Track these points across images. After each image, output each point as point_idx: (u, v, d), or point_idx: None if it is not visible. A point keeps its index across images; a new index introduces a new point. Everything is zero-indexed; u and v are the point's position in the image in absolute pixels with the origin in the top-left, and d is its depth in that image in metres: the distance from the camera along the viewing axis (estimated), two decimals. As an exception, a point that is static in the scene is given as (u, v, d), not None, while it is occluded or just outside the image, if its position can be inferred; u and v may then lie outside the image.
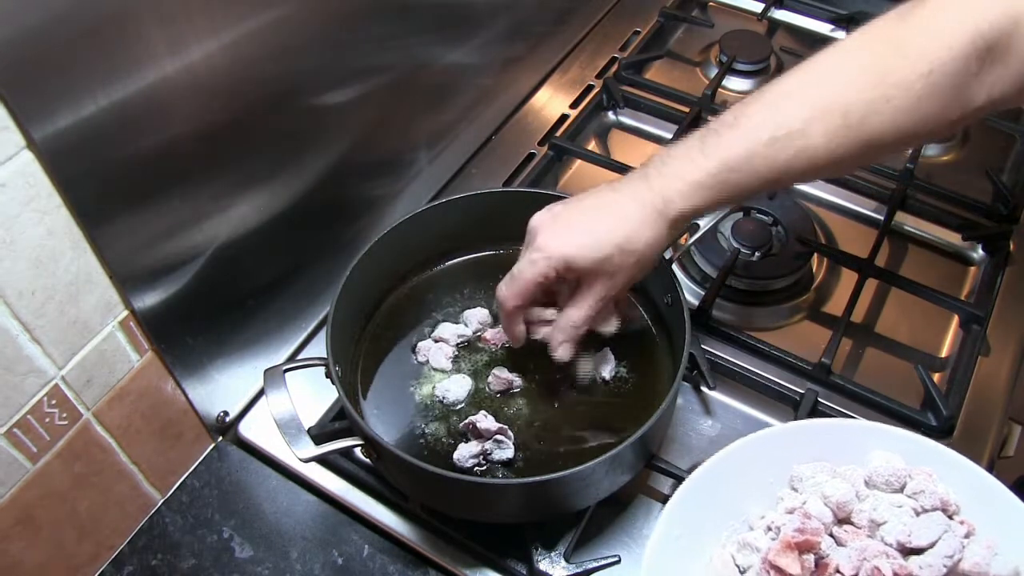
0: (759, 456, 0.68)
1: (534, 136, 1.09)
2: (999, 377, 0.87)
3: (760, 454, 0.68)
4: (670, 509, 0.65)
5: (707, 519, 0.67)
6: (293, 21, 0.71)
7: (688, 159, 0.66)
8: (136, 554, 0.76)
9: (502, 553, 0.74)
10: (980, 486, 0.64)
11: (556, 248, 0.67)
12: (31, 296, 0.58)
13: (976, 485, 0.65)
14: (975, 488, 0.65)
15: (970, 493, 0.65)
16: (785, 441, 0.69)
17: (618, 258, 0.67)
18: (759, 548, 0.65)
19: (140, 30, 0.58)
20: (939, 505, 0.64)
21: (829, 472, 0.67)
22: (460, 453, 0.73)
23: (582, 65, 1.19)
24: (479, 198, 0.84)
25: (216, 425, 0.82)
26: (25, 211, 0.55)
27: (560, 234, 0.67)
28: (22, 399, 0.61)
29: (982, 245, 0.98)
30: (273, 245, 0.80)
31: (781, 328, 0.92)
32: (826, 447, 0.69)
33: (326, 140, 0.82)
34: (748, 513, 0.68)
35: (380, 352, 0.81)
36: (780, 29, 1.27)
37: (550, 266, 0.67)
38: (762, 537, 0.66)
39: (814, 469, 0.68)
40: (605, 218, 0.67)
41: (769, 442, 0.68)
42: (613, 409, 0.77)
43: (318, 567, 0.75)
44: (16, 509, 0.65)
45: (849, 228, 1.01)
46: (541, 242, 0.67)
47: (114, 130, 0.59)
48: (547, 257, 0.67)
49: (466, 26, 0.99)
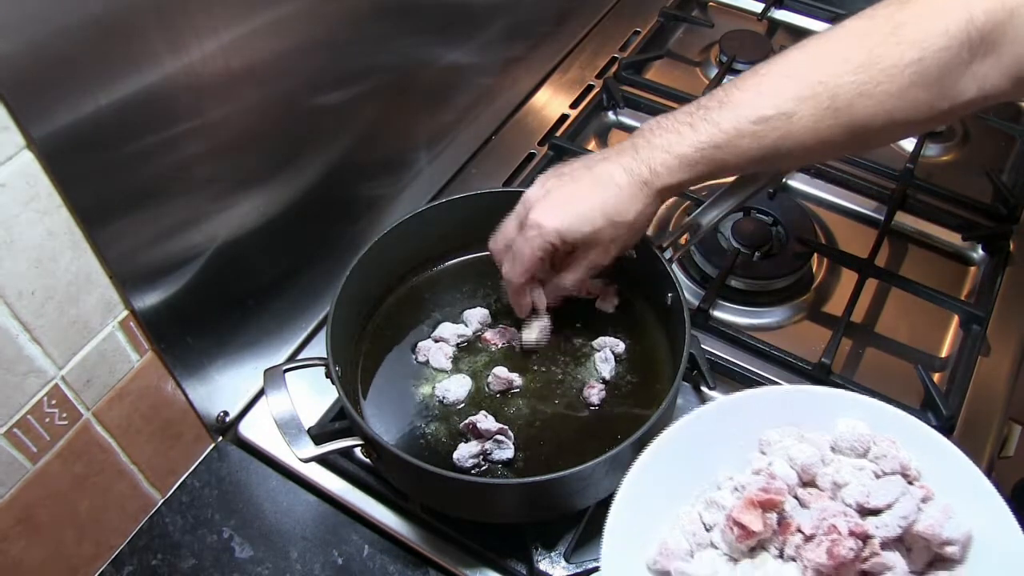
0: (729, 420, 0.68)
1: (534, 136, 1.09)
2: (999, 377, 0.87)
3: (731, 418, 0.68)
4: (637, 467, 0.65)
5: (676, 480, 0.67)
6: (293, 21, 0.71)
7: (676, 132, 0.67)
8: (136, 554, 0.77)
9: (502, 553, 0.74)
10: (941, 453, 0.65)
11: (549, 223, 0.69)
12: (31, 296, 0.58)
13: (937, 452, 0.65)
14: (936, 455, 0.65)
15: (932, 460, 0.66)
16: (756, 406, 0.69)
17: (609, 229, 0.69)
18: (724, 506, 0.66)
19: (140, 30, 0.58)
20: (899, 469, 0.65)
21: (796, 437, 0.68)
22: (460, 453, 0.73)
23: (582, 65, 1.19)
24: (479, 198, 0.84)
25: (216, 425, 0.82)
26: (25, 211, 0.55)
27: (552, 209, 0.70)
28: (22, 399, 0.61)
29: (982, 245, 0.98)
30: (273, 245, 0.80)
31: (781, 328, 0.92)
32: (796, 413, 0.69)
33: (326, 140, 0.82)
34: (717, 475, 0.68)
35: (380, 352, 0.81)
36: (780, 29, 1.27)
37: (546, 241, 0.70)
38: (728, 496, 0.66)
39: (782, 434, 0.68)
40: (595, 191, 0.69)
41: (740, 406, 0.69)
42: (613, 409, 0.77)
43: (318, 567, 0.76)
44: (16, 509, 0.65)
45: (849, 228, 1.01)
46: (534, 218, 0.70)
47: (114, 130, 0.59)
48: (541, 233, 0.69)
49: (466, 26, 0.99)
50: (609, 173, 0.69)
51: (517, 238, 0.72)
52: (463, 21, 0.98)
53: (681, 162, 0.67)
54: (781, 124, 0.64)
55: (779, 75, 0.66)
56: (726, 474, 0.68)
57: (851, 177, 1.03)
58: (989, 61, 0.62)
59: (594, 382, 0.78)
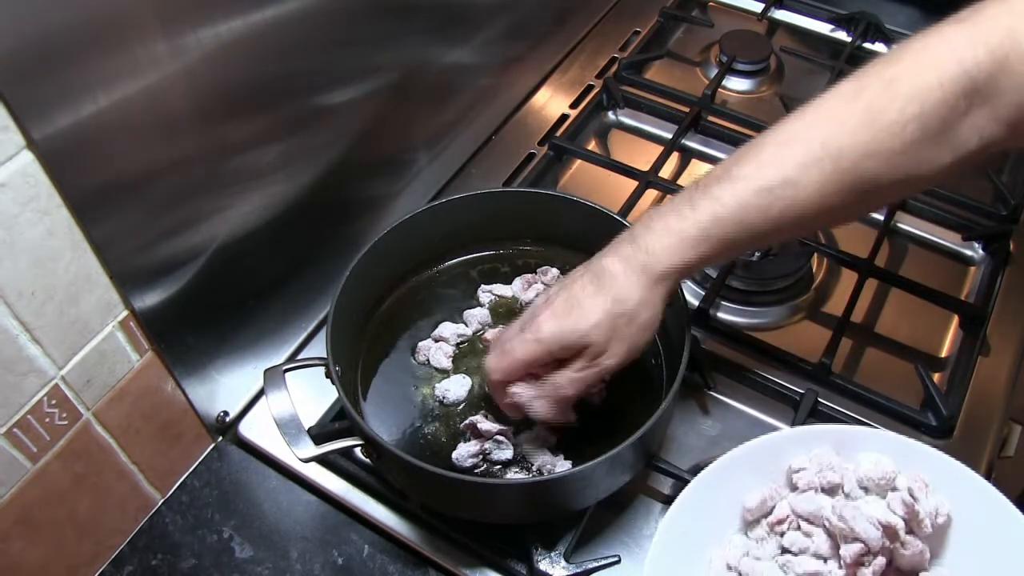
0: (759, 459, 0.69)
1: (534, 136, 1.09)
2: (999, 377, 0.87)
3: (760, 458, 0.69)
4: (673, 512, 0.66)
5: (707, 521, 0.68)
6: (293, 21, 0.71)
7: (676, 213, 0.64)
8: (136, 554, 0.76)
9: (502, 553, 0.74)
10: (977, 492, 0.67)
11: (548, 330, 0.65)
12: (31, 296, 0.58)
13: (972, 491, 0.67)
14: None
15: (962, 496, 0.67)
16: (784, 445, 0.70)
17: (607, 323, 0.64)
18: (759, 557, 0.67)
19: (140, 30, 0.58)
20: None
21: (826, 464, 0.69)
22: (459, 452, 0.73)
23: (582, 65, 1.19)
24: (479, 198, 0.84)
25: (216, 425, 0.82)
26: (25, 211, 0.55)
27: (553, 314, 0.66)
28: (22, 399, 0.61)
29: (982, 245, 0.98)
30: (273, 245, 0.80)
31: (781, 328, 0.92)
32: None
33: (326, 140, 0.82)
34: (745, 513, 0.70)
35: (380, 352, 0.81)
36: (780, 29, 1.27)
37: (541, 349, 0.66)
38: (764, 545, 0.68)
39: (811, 460, 0.70)
40: (591, 286, 0.65)
41: (769, 446, 0.70)
42: (613, 409, 0.77)
43: (318, 567, 0.76)
44: (16, 509, 0.65)
45: (849, 228, 1.01)
46: (536, 325, 0.66)
47: (114, 130, 0.59)
48: (539, 340, 0.65)
49: (466, 26, 0.99)
50: (605, 266, 0.66)
51: (514, 339, 0.67)
52: (463, 21, 0.98)
53: (682, 241, 0.63)
54: (786, 193, 0.61)
55: (778, 144, 0.63)
56: (754, 512, 0.70)
57: (851, 177, 1.03)
58: (985, 111, 0.60)
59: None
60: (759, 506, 0.69)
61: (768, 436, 0.70)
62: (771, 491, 0.69)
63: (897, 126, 0.60)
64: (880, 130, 0.60)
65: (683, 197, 0.65)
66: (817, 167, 0.61)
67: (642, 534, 0.76)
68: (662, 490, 0.79)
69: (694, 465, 0.80)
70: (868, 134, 0.60)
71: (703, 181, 0.65)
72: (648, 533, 0.76)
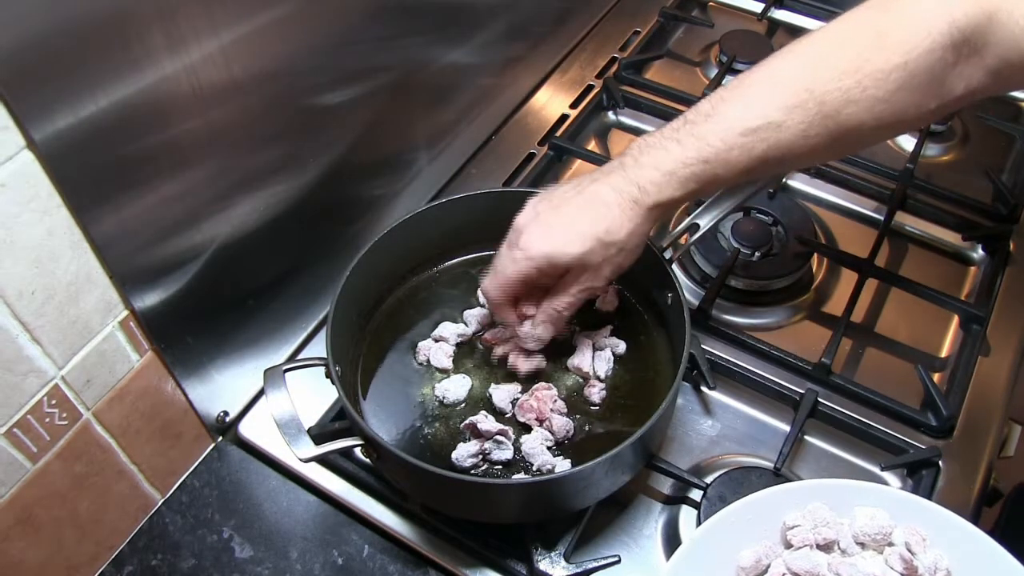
0: (752, 517, 0.68)
1: (534, 136, 1.09)
2: (999, 377, 0.87)
3: (753, 515, 0.68)
4: (672, 568, 0.65)
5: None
6: (293, 21, 0.71)
7: (664, 149, 0.67)
8: (136, 554, 0.77)
9: (502, 553, 0.74)
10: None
11: (538, 248, 0.68)
12: (31, 296, 0.58)
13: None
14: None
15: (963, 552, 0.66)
16: (777, 501, 0.69)
17: (599, 250, 0.68)
18: None
19: (140, 30, 0.58)
20: None
21: (820, 521, 0.68)
22: (459, 452, 0.73)
23: (582, 65, 1.19)
24: (479, 198, 0.84)
25: (216, 425, 0.82)
26: (25, 211, 0.55)
27: (542, 233, 0.69)
28: (22, 399, 0.61)
29: (982, 245, 0.98)
30: (273, 245, 0.80)
31: (781, 328, 0.92)
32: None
33: (326, 140, 0.82)
34: (740, 573, 0.69)
35: (380, 352, 0.81)
36: (780, 29, 1.27)
37: (532, 266, 0.69)
38: None
39: (805, 517, 0.68)
40: (584, 212, 0.68)
41: (762, 503, 0.68)
42: (613, 409, 0.77)
43: (318, 567, 0.76)
44: (16, 509, 0.65)
45: (849, 228, 1.01)
46: (524, 242, 0.69)
47: (114, 130, 0.59)
48: (529, 258, 0.69)
49: (466, 26, 0.99)
50: (598, 193, 0.68)
51: (503, 257, 0.71)
52: (463, 21, 0.98)
53: (670, 179, 0.66)
54: (770, 134, 0.64)
55: (765, 84, 0.66)
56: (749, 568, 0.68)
57: (851, 177, 1.03)
58: (973, 61, 0.62)
59: (594, 381, 0.78)
60: (753, 565, 0.67)
61: (761, 492, 0.68)
62: (765, 549, 0.67)
63: (881, 74, 0.62)
64: (865, 77, 0.62)
65: (670, 131, 0.68)
66: (801, 110, 0.63)
67: (642, 534, 0.76)
68: (662, 490, 0.79)
69: (694, 465, 0.80)
70: (852, 80, 0.63)
71: (690, 115, 0.67)
72: (648, 533, 0.76)
